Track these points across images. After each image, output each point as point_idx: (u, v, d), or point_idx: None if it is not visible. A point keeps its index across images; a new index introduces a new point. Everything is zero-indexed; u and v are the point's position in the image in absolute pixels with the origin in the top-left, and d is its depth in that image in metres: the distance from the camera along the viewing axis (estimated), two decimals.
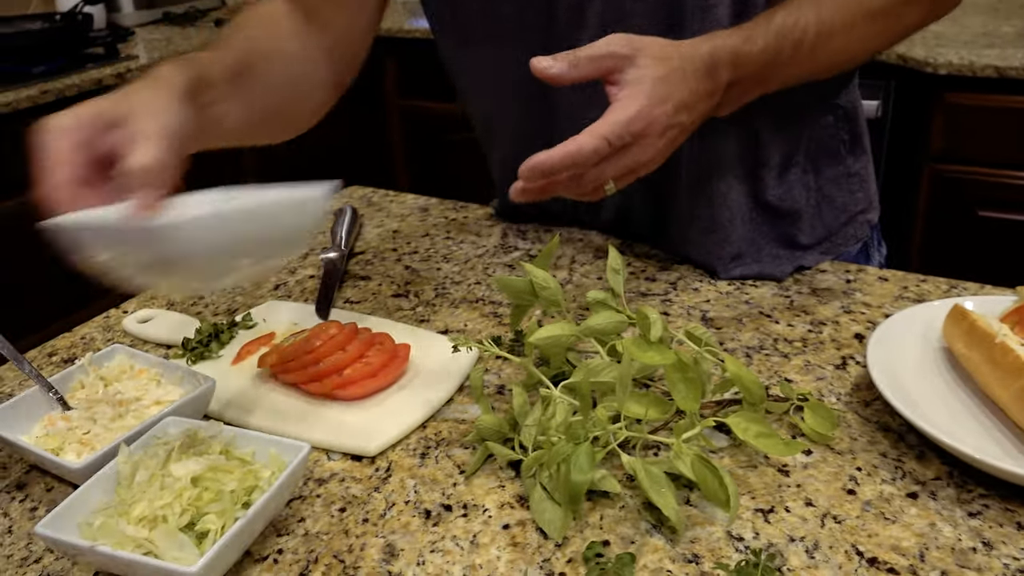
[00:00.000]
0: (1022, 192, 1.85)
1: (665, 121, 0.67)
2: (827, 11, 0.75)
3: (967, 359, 0.68)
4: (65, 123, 0.57)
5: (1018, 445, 0.61)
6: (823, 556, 0.54)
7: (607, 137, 0.64)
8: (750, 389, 0.63)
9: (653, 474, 0.56)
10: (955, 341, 0.69)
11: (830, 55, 0.78)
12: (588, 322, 0.65)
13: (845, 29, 0.76)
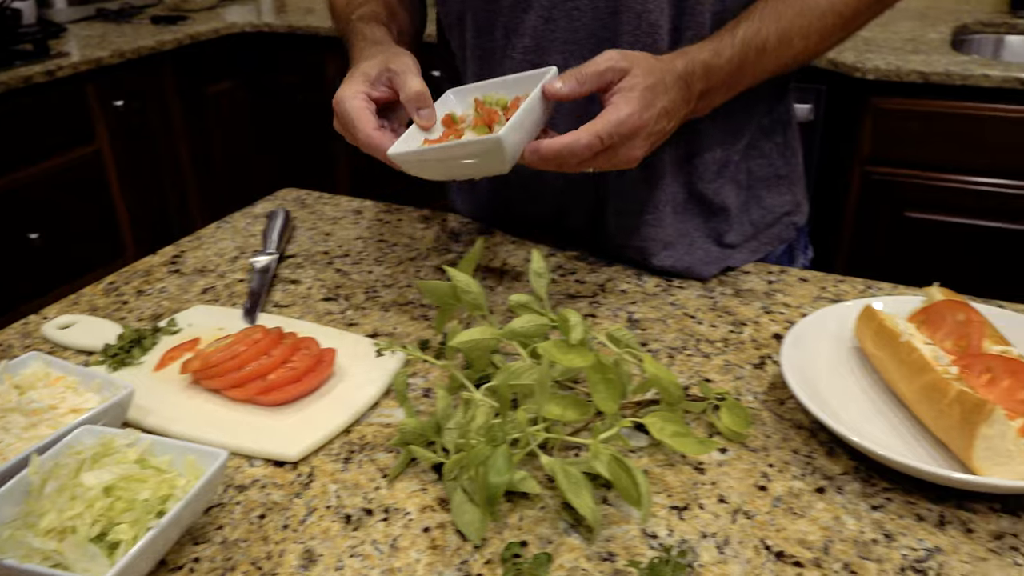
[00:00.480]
0: (948, 193, 1.91)
1: (651, 126, 0.74)
2: (786, 19, 0.81)
3: (876, 357, 0.70)
4: (353, 92, 0.78)
5: (921, 440, 0.64)
6: (733, 551, 0.55)
7: (601, 136, 0.72)
8: (668, 389, 0.64)
9: (571, 475, 0.57)
10: (865, 340, 0.72)
11: (792, 56, 0.83)
12: (511, 325, 0.66)
13: (803, 34, 0.82)
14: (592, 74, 0.74)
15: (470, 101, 0.82)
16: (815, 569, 0.54)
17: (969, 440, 0.57)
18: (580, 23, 0.86)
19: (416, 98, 0.77)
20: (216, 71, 2.72)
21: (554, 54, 0.88)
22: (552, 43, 0.87)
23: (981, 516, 0.58)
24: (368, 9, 0.95)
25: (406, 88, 0.77)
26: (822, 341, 0.74)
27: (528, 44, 0.88)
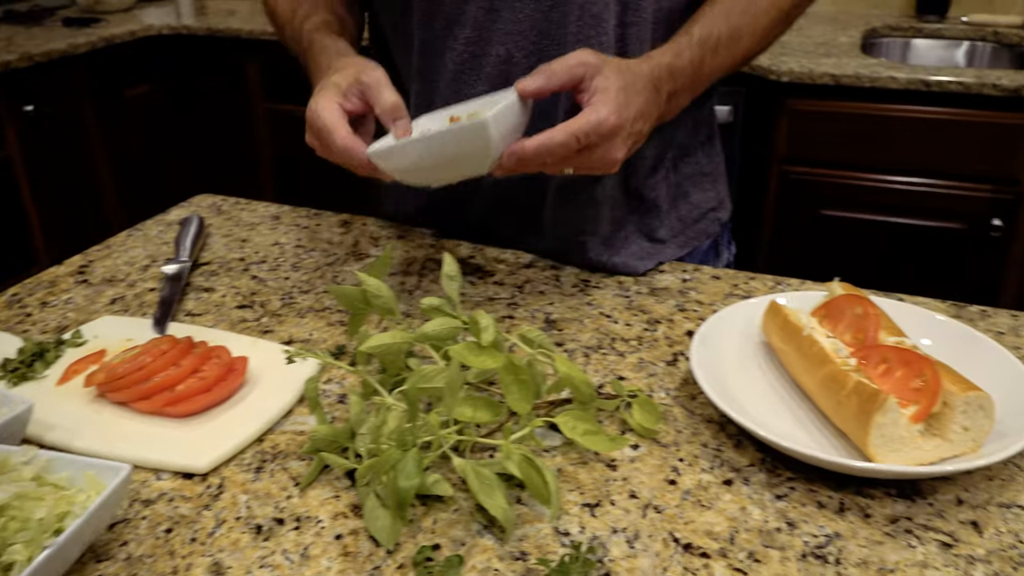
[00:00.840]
0: (859, 191, 1.98)
1: (628, 127, 0.74)
2: (735, 17, 0.84)
3: (781, 351, 0.72)
4: (326, 102, 0.78)
5: (824, 431, 0.66)
6: (643, 545, 0.56)
7: (577, 135, 0.71)
8: (579, 388, 0.65)
9: (483, 476, 0.58)
10: (771, 335, 0.74)
11: (742, 54, 0.86)
12: (422, 329, 0.65)
13: (750, 31, 0.85)
14: (562, 69, 0.74)
15: (444, 119, 0.83)
16: (721, 559, 0.55)
17: (865, 429, 0.59)
18: (523, 14, 0.86)
19: (393, 109, 0.77)
20: (133, 75, 2.65)
21: (496, 45, 0.88)
22: (494, 33, 0.88)
23: (878, 501, 0.60)
24: (320, 19, 0.94)
25: (381, 100, 0.77)
26: (731, 337, 0.76)
27: (470, 35, 0.89)
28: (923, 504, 0.60)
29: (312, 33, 0.91)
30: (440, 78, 0.93)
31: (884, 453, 0.60)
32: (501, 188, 0.97)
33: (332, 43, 0.88)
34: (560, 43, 0.86)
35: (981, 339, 0.71)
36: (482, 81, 0.91)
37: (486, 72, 0.90)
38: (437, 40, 0.92)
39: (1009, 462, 0.64)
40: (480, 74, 0.90)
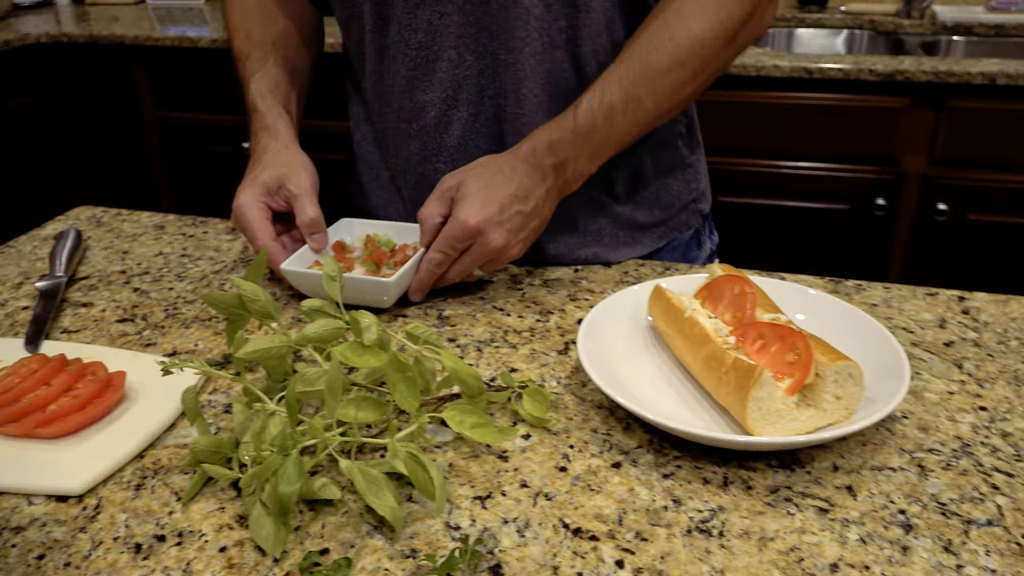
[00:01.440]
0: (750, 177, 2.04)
1: (497, 217, 0.81)
2: (628, 81, 0.82)
3: (666, 334, 0.74)
4: (250, 201, 0.86)
5: (708, 408, 0.68)
6: (533, 533, 0.57)
7: (443, 250, 0.82)
8: (467, 382, 0.65)
9: (371, 476, 0.57)
10: (656, 318, 0.75)
11: (649, 113, 0.85)
12: (303, 331, 0.64)
13: (650, 91, 0.83)
14: (431, 208, 0.83)
15: (361, 234, 0.92)
16: (609, 541, 0.56)
17: (743, 404, 0.61)
18: (472, 17, 0.87)
19: (310, 224, 0.86)
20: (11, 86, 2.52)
21: (448, 49, 0.89)
22: (446, 38, 0.88)
23: (760, 473, 0.62)
24: (269, 79, 0.96)
25: (302, 214, 0.85)
26: (620, 323, 0.77)
27: (423, 40, 0.89)
28: (802, 473, 0.62)
29: (257, 99, 0.95)
30: (395, 83, 0.94)
31: (762, 426, 0.61)
32: None
33: (275, 123, 0.93)
34: (508, 45, 0.87)
35: (852, 311, 0.74)
36: (435, 86, 0.91)
37: (438, 77, 0.91)
38: (391, 46, 0.92)
39: (881, 427, 0.66)
40: (433, 79, 0.91)
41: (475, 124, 0.93)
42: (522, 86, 0.89)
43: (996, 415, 0.68)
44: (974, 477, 0.61)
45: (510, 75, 0.89)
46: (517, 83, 0.89)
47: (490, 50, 0.88)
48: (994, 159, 1.91)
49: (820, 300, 0.77)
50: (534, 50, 0.88)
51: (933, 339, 0.79)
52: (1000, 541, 0.55)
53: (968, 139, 1.91)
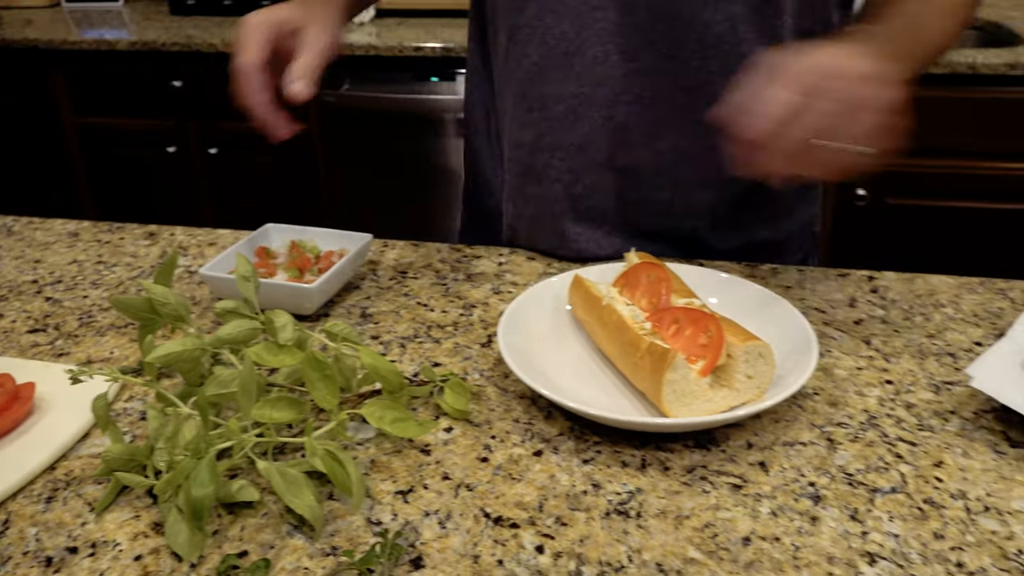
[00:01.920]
0: None
1: (861, 64, 0.61)
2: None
3: (585, 322, 0.75)
4: (259, 20, 0.78)
5: (626, 394, 0.69)
6: (454, 524, 0.57)
7: (792, 84, 0.60)
8: (387, 378, 0.65)
9: (290, 476, 0.56)
10: (576, 307, 0.76)
11: (942, 36, 0.78)
12: (217, 333, 0.63)
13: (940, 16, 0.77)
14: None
15: (286, 240, 0.91)
16: (530, 527, 0.57)
17: (658, 387, 0.62)
18: (633, 20, 0.82)
19: (300, 69, 0.78)
20: None
21: (594, 46, 0.84)
22: (593, 33, 0.83)
23: (677, 454, 0.63)
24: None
25: (299, 59, 0.78)
26: (541, 313, 0.78)
27: (566, 29, 0.83)
28: (717, 452, 0.63)
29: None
30: (520, 67, 0.88)
31: (677, 408, 0.63)
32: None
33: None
34: (671, 54, 0.83)
35: (764, 293, 0.76)
36: (569, 81, 0.86)
37: (575, 72, 0.85)
38: (523, 28, 0.86)
39: (793, 404, 0.69)
40: (569, 72, 0.85)
41: (604, 127, 0.87)
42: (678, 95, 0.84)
43: (901, 388, 0.71)
44: (880, 448, 0.63)
45: (665, 83, 0.84)
46: (673, 91, 0.84)
47: (646, 57, 0.83)
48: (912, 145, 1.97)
49: (733, 284, 0.79)
50: (710, 68, 0.83)
51: (843, 318, 0.81)
52: (903, 507, 0.58)
53: None
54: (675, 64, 0.83)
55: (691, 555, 0.54)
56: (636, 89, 0.85)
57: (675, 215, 0.92)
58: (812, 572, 0.52)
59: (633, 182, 0.90)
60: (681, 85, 0.84)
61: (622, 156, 0.88)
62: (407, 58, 2.18)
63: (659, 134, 0.87)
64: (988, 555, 0.54)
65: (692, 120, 0.85)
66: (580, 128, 0.88)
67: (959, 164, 2.00)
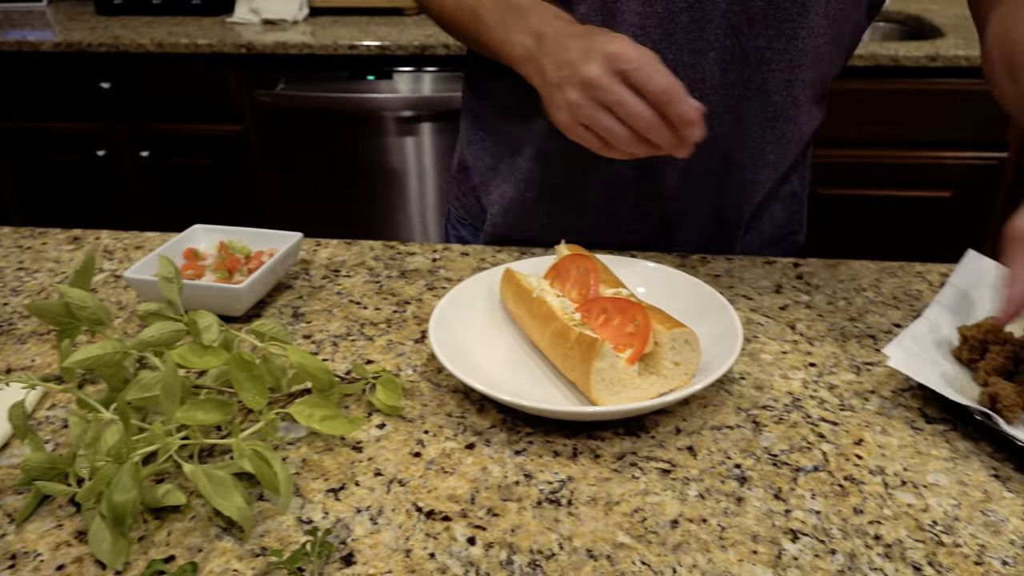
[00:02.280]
0: None
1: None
2: None
3: (517, 315, 0.75)
4: (638, 49, 0.67)
5: (558, 384, 0.70)
6: (386, 520, 0.57)
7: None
8: (316, 376, 0.64)
9: (217, 478, 0.56)
10: (507, 300, 0.77)
11: None
12: (140, 336, 0.62)
13: None
14: None
15: (215, 241, 0.89)
16: (462, 519, 0.57)
17: (587, 376, 0.63)
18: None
19: (667, 92, 0.67)
20: None
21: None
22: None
23: (607, 442, 0.64)
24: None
25: (654, 80, 0.66)
26: (474, 307, 0.78)
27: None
28: (647, 438, 0.64)
29: None
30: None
31: (607, 396, 0.64)
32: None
33: (547, 4, 0.77)
34: None
35: (692, 281, 0.78)
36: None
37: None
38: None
39: (720, 388, 0.70)
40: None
41: None
42: (694, 89, 0.81)
43: (824, 370, 0.73)
44: (803, 428, 0.65)
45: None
46: (690, 86, 0.80)
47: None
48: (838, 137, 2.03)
49: (662, 273, 0.80)
50: (721, 56, 0.82)
51: (770, 304, 0.83)
52: (824, 485, 0.59)
53: None
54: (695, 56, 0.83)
55: (621, 540, 0.55)
56: None
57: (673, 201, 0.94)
58: (737, 551, 0.54)
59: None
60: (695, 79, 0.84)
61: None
62: (342, 56, 2.16)
63: None
64: (904, 527, 0.56)
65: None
66: None
67: (884, 154, 2.06)
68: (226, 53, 2.17)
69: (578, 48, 0.68)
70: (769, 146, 0.89)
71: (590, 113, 0.68)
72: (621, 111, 0.67)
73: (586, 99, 0.68)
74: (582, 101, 0.68)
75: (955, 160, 2.05)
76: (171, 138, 2.33)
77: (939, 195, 2.10)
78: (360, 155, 2.29)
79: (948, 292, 0.75)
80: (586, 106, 0.68)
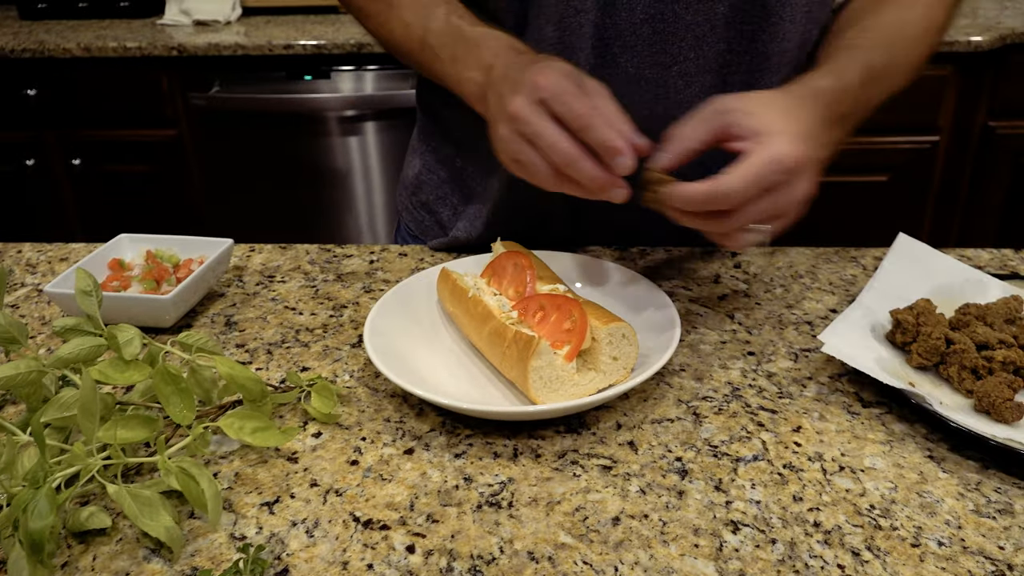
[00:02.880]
0: None
1: (808, 159, 0.63)
2: (896, 49, 0.77)
3: (454, 315, 0.74)
4: (564, 76, 0.64)
5: (497, 385, 0.69)
6: (322, 532, 0.55)
7: (756, 179, 0.61)
8: (247, 387, 0.62)
9: (143, 498, 0.53)
10: (444, 300, 0.76)
11: (888, 92, 0.78)
12: (58, 352, 0.59)
13: (906, 65, 0.78)
14: (695, 128, 0.65)
15: (142, 250, 0.86)
16: (400, 527, 0.55)
17: (525, 374, 0.62)
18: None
19: (584, 117, 0.62)
20: None
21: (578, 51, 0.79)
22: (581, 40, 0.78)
23: (548, 440, 0.63)
24: (466, 11, 0.77)
25: (571, 106, 0.62)
26: (412, 308, 0.77)
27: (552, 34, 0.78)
28: (588, 435, 0.64)
29: (463, 22, 0.75)
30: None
31: (545, 394, 0.63)
32: None
33: (499, 32, 0.74)
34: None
35: (629, 274, 0.77)
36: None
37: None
38: (526, 31, 0.80)
39: (661, 381, 0.70)
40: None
41: None
42: (658, 103, 0.81)
43: (762, 358, 0.73)
44: (743, 418, 0.65)
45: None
46: (654, 100, 0.82)
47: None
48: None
49: (599, 267, 0.80)
50: (684, 69, 0.80)
51: (709, 294, 0.83)
52: (764, 474, 0.59)
53: None
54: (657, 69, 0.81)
55: (562, 540, 0.54)
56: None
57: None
58: (679, 546, 0.53)
59: None
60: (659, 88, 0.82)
61: None
62: (278, 57, 2.11)
63: None
64: (843, 512, 0.56)
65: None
66: None
67: None
68: (157, 56, 2.11)
69: (512, 81, 0.66)
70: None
71: (516, 148, 0.65)
72: (540, 144, 0.64)
73: (512, 133, 0.65)
74: (508, 136, 0.65)
75: (891, 145, 2.10)
76: (103, 145, 2.26)
77: (877, 179, 2.14)
78: (303, 157, 2.25)
79: (881, 276, 0.76)
80: (512, 141, 0.65)
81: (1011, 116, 2.08)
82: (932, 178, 2.15)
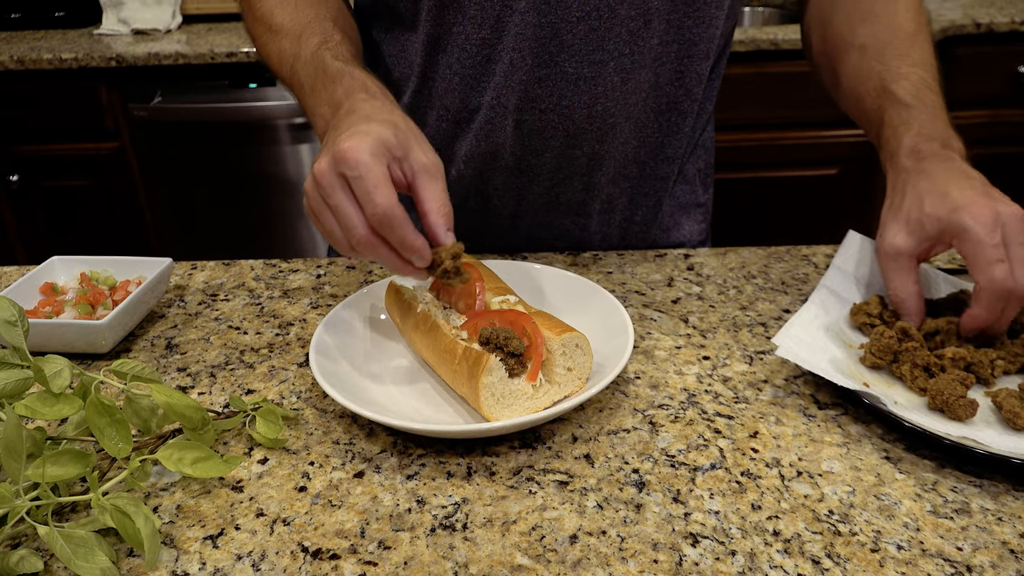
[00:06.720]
0: None
1: (990, 198, 0.67)
2: (916, 57, 0.85)
3: (403, 330, 0.72)
4: (375, 149, 0.60)
5: (450, 402, 0.67)
6: (269, 565, 0.53)
7: (994, 251, 0.64)
8: (186, 415, 0.60)
9: (77, 538, 0.51)
10: (393, 315, 0.74)
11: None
12: None
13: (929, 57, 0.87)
14: (905, 274, 0.70)
15: (76, 273, 0.83)
16: (351, 556, 0.53)
17: (477, 392, 0.61)
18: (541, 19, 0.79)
19: (384, 216, 0.60)
20: None
21: (510, 51, 0.80)
22: (508, 37, 0.80)
23: (503, 457, 0.62)
24: (345, 47, 0.76)
25: (371, 199, 0.59)
26: (359, 325, 0.75)
27: (486, 36, 0.80)
28: (543, 449, 0.62)
29: (334, 63, 0.73)
30: (445, 80, 0.84)
31: (499, 411, 0.61)
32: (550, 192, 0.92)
33: (366, 78, 0.71)
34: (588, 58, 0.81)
35: (579, 280, 0.76)
36: (489, 90, 0.82)
37: (494, 82, 0.82)
38: (444, 37, 0.82)
39: (616, 391, 0.69)
40: (490, 82, 0.82)
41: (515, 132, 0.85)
42: (596, 103, 0.83)
43: (718, 362, 0.72)
44: (699, 425, 0.64)
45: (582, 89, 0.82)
46: (592, 99, 0.83)
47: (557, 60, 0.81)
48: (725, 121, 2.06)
49: (550, 275, 0.78)
50: (621, 65, 0.81)
51: (662, 298, 0.83)
52: (722, 483, 0.58)
53: None
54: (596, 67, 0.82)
55: (519, 561, 0.52)
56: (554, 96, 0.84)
57: (583, 214, 0.94)
58: (638, 562, 0.52)
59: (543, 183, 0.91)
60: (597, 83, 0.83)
61: (529, 158, 0.88)
62: (221, 65, 2.07)
63: (604, 148, 0.88)
64: (802, 519, 0.55)
65: (609, 124, 0.86)
66: (496, 138, 0.86)
67: (772, 136, 2.11)
68: (95, 67, 2.05)
69: (332, 136, 0.64)
70: (666, 140, 0.89)
71: (316, 207, 0.63)
72: (338, 216, 0.61)
73: (314, 192, 0.63)
74: (311, 193, 0.63)
75: (840, 139, 2.12)
76: (42, 160, 2.19)
77: (827, 173, 2.16)
78: (252, 166, 2.20)
79: (832, 275, 0.76)
80: (313, 199, 0.63)
81: (957, 107, 2.11)
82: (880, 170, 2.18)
